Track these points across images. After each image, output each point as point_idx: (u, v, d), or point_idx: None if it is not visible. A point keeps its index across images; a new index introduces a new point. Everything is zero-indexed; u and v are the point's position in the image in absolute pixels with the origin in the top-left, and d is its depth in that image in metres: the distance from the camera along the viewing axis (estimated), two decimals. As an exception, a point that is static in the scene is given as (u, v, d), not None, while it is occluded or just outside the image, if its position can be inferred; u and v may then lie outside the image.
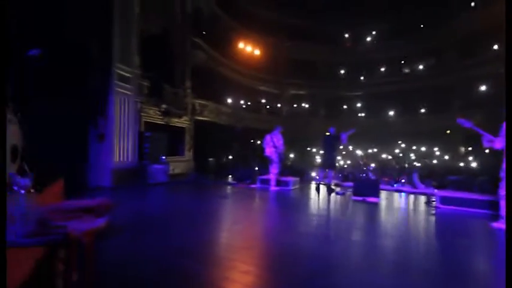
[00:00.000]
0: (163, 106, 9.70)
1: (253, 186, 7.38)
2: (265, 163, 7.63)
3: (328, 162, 6.82)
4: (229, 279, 2.02)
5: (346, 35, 18.58)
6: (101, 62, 6.80)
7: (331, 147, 6.80)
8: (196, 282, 1.91)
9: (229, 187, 7.25)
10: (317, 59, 18.91)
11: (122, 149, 7.22)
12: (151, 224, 3.41)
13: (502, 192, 3.72)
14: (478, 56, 14.50)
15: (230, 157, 12.48)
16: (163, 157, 8.32)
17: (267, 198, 5.97)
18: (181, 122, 10.80)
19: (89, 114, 6.72)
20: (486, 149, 4.40)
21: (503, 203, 3.72)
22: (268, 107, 18.56)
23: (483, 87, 13.94)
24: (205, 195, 6.18)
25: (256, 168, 8.43)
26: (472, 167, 10.10)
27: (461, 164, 10.77)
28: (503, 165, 3.68)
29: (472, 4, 14.67)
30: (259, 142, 8.35)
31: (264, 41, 16.79)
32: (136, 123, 7.95)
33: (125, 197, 5.43)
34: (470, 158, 11.17)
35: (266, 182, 7.24)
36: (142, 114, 8.47)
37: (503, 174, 3.71)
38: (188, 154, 10.99)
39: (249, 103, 16.75)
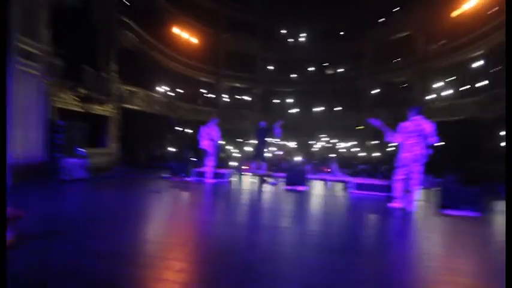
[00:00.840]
0: (82, 90, 8.46)
1: (188, 179, 7.18)
2: (200, 155, 7.50)
3: (260, 154, 7.18)
4: (162, 279, 1.96)
5: (283, 32, 19.43)
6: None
7: (262, 140, 7.16)
8: None
9: (161, 181, 6.89)
10: (255, 53, 19.31)
11: (25, 140, 6.03)
12: (68, 229, 2.99)
13: (396, 177, 4.61)
14: (387, 64, 17.25)
15: (163, 149, 11.80)
16: (82, 149, 7.30)
17: (202, 192, 5.92)
18: (105, 109, 9.64)
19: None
20: (388, 143, 5.27)
21: (395, 186, 4.62)
22: (205, 97, 18.15)
23: (389, 90, 16.68)
24: (134, 191, 5.73)
25: (193, 160, 8.22)
26: (377, 157, 12.10)
27: (371, 155, 12.77)
28: (399, 156, 4.55)
29: (382, 19, 17.19)
30: (194, 133, 8.11)
31: (202, 29, 16.24)
32: (46, 110, 6.73)
33: (32, 198, 4.59)
34: (388, 148, 13.32)
35: (202, 174, 7.14)
36: (54, 99, 7.22)
37: (398, 164, 4.58)
38: (113, 146, 9.92)
39: (184, 92, 16.03)
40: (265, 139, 7.25)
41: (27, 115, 6.09)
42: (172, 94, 14.66)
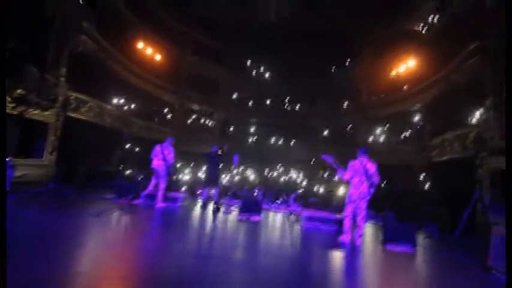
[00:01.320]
0: (19, 91, 7.47)
1: (136, 202, 6.55)
2: (151, 176, 6.98)
3: (214, 180, 6.94)
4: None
5: (248, 64, 20.31)
6: None
7: (213, 166, 6.99)
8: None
9: (105, 203, 6.14)
10: (219, 79, 19.65)
11: None
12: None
13: (345, 213, 4.88)
14: (337, 107, 19.19)
15: (109, 166, 10.73)
16: (7, 158, 6.24)
17: (150, 217, 5.44)
18: (45, 115, 8.56)
19: None
20: (340, 179, 5.62)
21: (345, 222, 4.87)
22: (163, 116, 17.50)
23: (338, 131, 18.34)
24: (70, 213, 4.99)
25: (143, 181, 7.58)
26: (328, 191, 12.76)
27: (323, 189, 13.42)
28: (349, 193, 4.88)
29: (334, 67, 19.35)
30: (146, 152, 7.43)
31: (168, 48, 16.16)
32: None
33: None
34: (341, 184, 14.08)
35: (152, 197, 6.60)
36: (-19, 96, 6.16)
37: (347, 200, 4.89)
38: (49, 157, 8.70)
39: (141, 108, 15.22)
40: (218, 165, 7.05)
41: None
42: (128, 108, 13.79)
